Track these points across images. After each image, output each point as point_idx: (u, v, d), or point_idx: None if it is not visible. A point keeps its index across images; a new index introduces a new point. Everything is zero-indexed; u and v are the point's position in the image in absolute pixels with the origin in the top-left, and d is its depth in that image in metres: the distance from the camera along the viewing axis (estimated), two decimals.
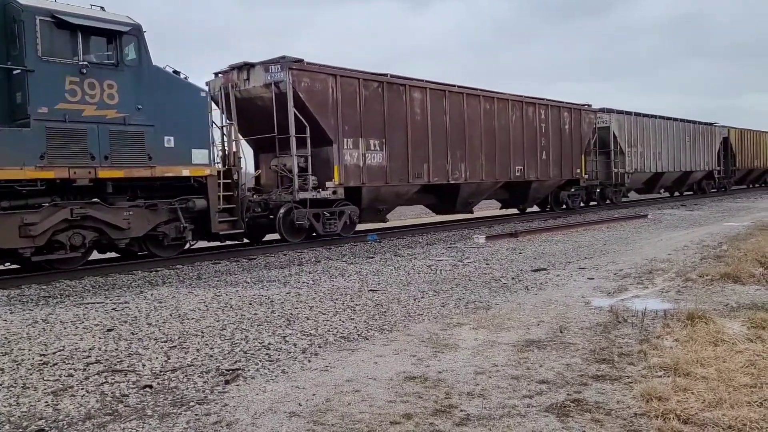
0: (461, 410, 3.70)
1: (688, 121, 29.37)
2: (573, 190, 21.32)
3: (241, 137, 13.23)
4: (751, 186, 40.53)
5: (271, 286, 8.45)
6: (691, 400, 3.62)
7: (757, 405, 3.51)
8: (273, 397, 4.05)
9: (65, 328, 6.12)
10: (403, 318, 6.23)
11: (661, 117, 27.03)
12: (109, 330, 6.01)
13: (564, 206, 21.10)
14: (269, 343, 5.37)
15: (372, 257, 11.35)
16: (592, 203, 23.88)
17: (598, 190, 23.60)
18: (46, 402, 4.05)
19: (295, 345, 5.31)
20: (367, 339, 5.47)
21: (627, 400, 3.76)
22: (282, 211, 12.65)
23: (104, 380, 4.47)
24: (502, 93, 18.06)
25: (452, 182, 16.21)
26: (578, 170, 20.96)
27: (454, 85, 16.52)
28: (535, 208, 21.87)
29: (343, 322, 6.12)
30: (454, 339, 5.35)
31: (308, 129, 12.75)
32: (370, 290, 7.85)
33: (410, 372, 4.47)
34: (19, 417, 3.80)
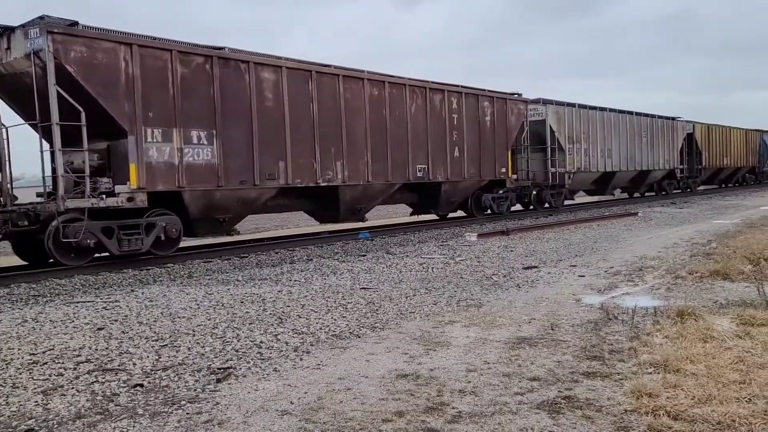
0: (453, 408, 3.71)
1: (646, 115, 26.44)
2: (500, 192, 18.41)
3: (4, 125, 10.54)
4: (723, 186, 37.72)
5: (263, 284, 8.44)
6: (681, 396, 3.64)
7: (746, 401, 3.54)
8: (265, 395, 4.04)
9: (55, 327, 6.08)
10: (395, 316, 6.24)
11: (612, 110, 24.06)
12: (99, 329, 5.98)
13: (489, 211, 18.31)
14: (261, 342, 5.36)
15: (364, 255, 11.35)
16: (531, 207, 21.16)
17: (533, 192, 20.86)
18: (36, 401, 4.02)
19: (286, 343, 5.30)
20: (359, 337, 5.47)
21: (618, 397, 3.78)
22: (54, 224, 9.56)
23: (95, 379, 4.44)
24: (396, 76, 14.97)
25: (324, 184, 13.12)
26: (504, 169, 18.01)
27: (328, 65, 13.46)
28: (462, 213, 18.89)
29: (335, 320, 6.12)
30: (445, 337, 5.36)
31: (83, 114, 9.53)
32: (362, 288, 7.85)
33: (402, 370, 4.47)
34: (8, 416, 3.77)
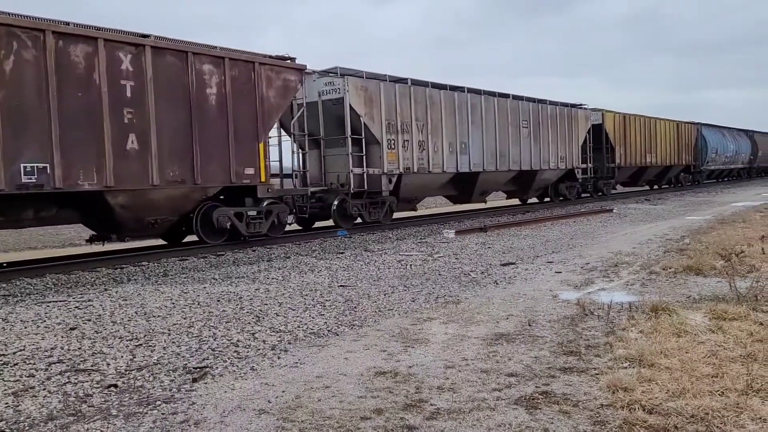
0: (431, 404, 3.71)
1: (531, 100, 20.73)
2: (263, 206, 12.33)
3: None
4: (653, 188, 32.86)
5: (240, 282, 8.36)
6: (656, 390, 3.69)
7: (719, 394, 3.59)
8: (242, 394, 4.00)
9: (26, 328, 5.96)
10: (373, 313, 6.22)
11: (473, 90, 18.16)
12: (72, 329, 5.87)
13: (225, 237, 12.00)
14: (238, 340, 5.31)
15: (342, 253, 11.32)
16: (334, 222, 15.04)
17: (305, 206, 14.51)
18: (6, 403, 3.93)
19: (264, 342, 5.26)
20: (338, 335, 5.45)
21: (594, 392, 3.82)
22: None
23: (67, 380, 4.36)
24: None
25: None
26: (251, 171, 12.00)
27: None
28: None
29: (313, 318, 6.09)
30: (424, 333, 5.37)
31: None
32: (341, 286, 7.83)
33: (381, 367, 4.46)
34: None
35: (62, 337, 5.58)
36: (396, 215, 17.09)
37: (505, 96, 19.58)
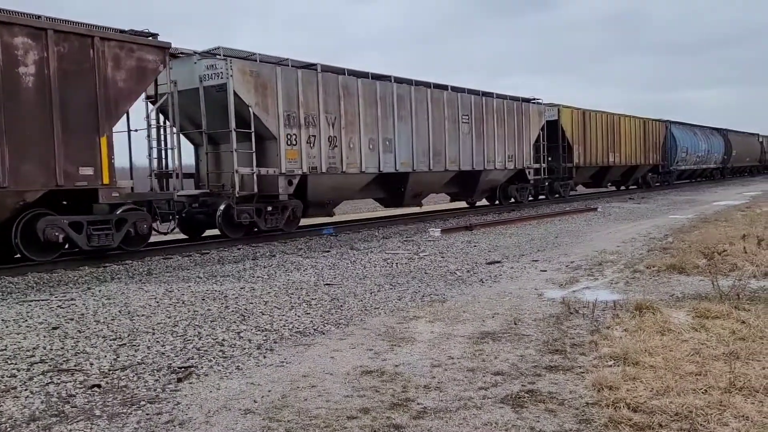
0: (418, 403, 3.71)
1: (473, 93, 18.53)
2: (115, 213, 10.22)
3: None
4: (620, 188, 30.92)
5: (225, 281, 8.31)
6: (640, 388, 3.72)
7: (702, 392, 3.63)
8: (227, 394, 3.98)
9: (7, 327, 5.88)
10: (359, 312, 6.21)
11: (398, 80, 15.90)
12: (54, 328, 5.80)
13: (57, 254, 9.85)
14: (223, 340, 5.28)
15: (328, 251, 11.29)
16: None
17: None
18: None
19: (249, 341, 5.23)
20: (324, 333, 5.44)
21: (579, 390, 3.84)
22: None
23: (49, 380, 4.31)
24: None
25: None
26: (88, 171, 9.82)
27: None
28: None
29: (298, 316, 6.07)
30: (410, 332, 5.37)
31: None
32: (326, 284, 7.81)
33: (367, 366, 4.46)
34: None
35: (44, 336, 5.51)
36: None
37: (442, 87, 17.41)
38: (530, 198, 22.41)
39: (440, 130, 17.22)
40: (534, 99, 21.92)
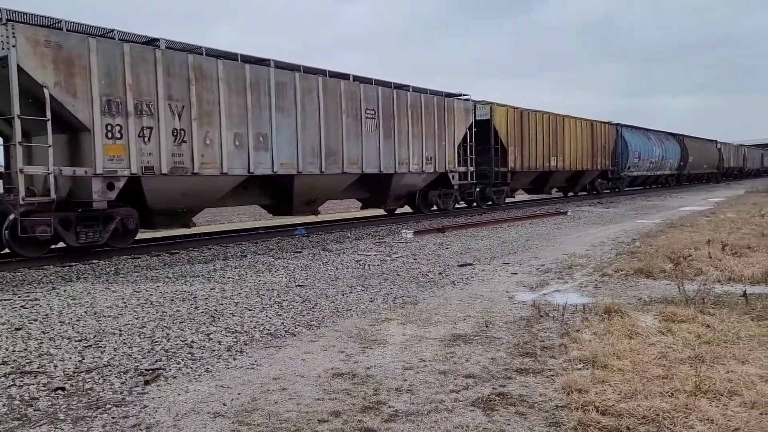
0: (389, 406, 3.70)
1: (381, 84, 16.18)
2: None
3: None
4: (567, 195, 28.77)
5: (195, 281, 8.20)
6: (609, 391, 3.76)
7: (669, 395, 3.69)
8: (196, 397, 3.92)
9: None
10: (331, 313, 6.18)
11: (279, 65, 13.55)
12: (17, 329, 5.65)
13: None
14: (192, 341, 5.20)
15: (300, 252, 11.23)
16: None
17: None
18: None
19: (219, 342, 5.17)
20: (295, 335, 5.39)
21: (549, 393, 3.87)
22: None
23: (12, 383, 4.19)
24: None
25: None
26: None
27: None
28: None
29: (269, 318, 6.01)
30: (382, 334, 5.36)
31: None
32: (298, 285, 7.76)
33: (338, 368, 4.43)
34: None
35: (7, 337, 5.36)
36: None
37: (340, 76, 14.99)
38: (456, 206, 20.17)
39: (336, 125, 14.59)
40: (461, 94, 19.47)
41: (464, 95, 19.64)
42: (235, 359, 4.71)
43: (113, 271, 9.26)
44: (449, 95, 19.04)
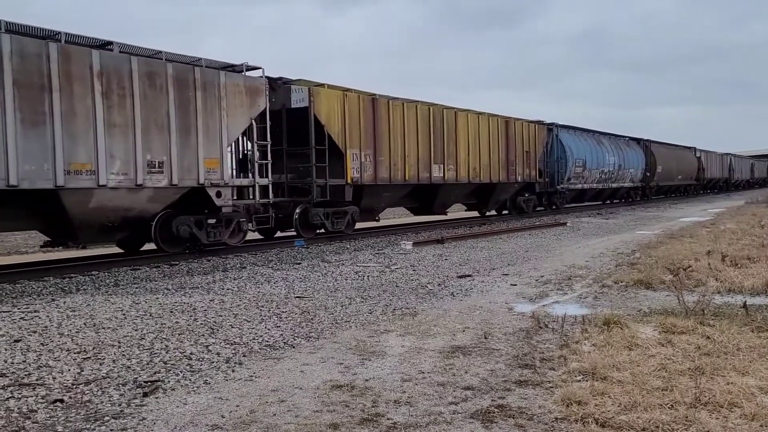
0: (388, 418, 3.69)
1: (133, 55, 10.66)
2: None
3: None
4: (492, 215, 22.53)
5: (194, 293, 8.19)
6: (608, 403, 3.75)
7: (669, 407, 3.68)
8: (194, 409, 3.90)
9: None
10: (330, 325, 6.17)
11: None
12: (16, 341, 5.64)
13: None
14: (191, 353, 5.19)
15: (299, 263, 11.22)
16: None
17: None
18: None
19: (218, 354, 5.16)
20: (294, 347, 5.38)
21: (548, 405, 3.86)
22: None
23: (10, 395, 4.18)
24: None
25: None
26: None
27: None
28: None
29: (268, 329, 6.00)
30: (381, 346, 5.35)
31: None
32: (297, 297, 7.75)
33: (337, 380, 4.42)
34: None
35: (5, 349, 5.35)
36: None
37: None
38: (242, 241, 13.00)
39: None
40: (244, 65, 12.77)
41: (254, 68, 13.00)
42: (233, 371, 4.70)
43: (113, 283, 9.25)
44: (228, 67, 12.45)
